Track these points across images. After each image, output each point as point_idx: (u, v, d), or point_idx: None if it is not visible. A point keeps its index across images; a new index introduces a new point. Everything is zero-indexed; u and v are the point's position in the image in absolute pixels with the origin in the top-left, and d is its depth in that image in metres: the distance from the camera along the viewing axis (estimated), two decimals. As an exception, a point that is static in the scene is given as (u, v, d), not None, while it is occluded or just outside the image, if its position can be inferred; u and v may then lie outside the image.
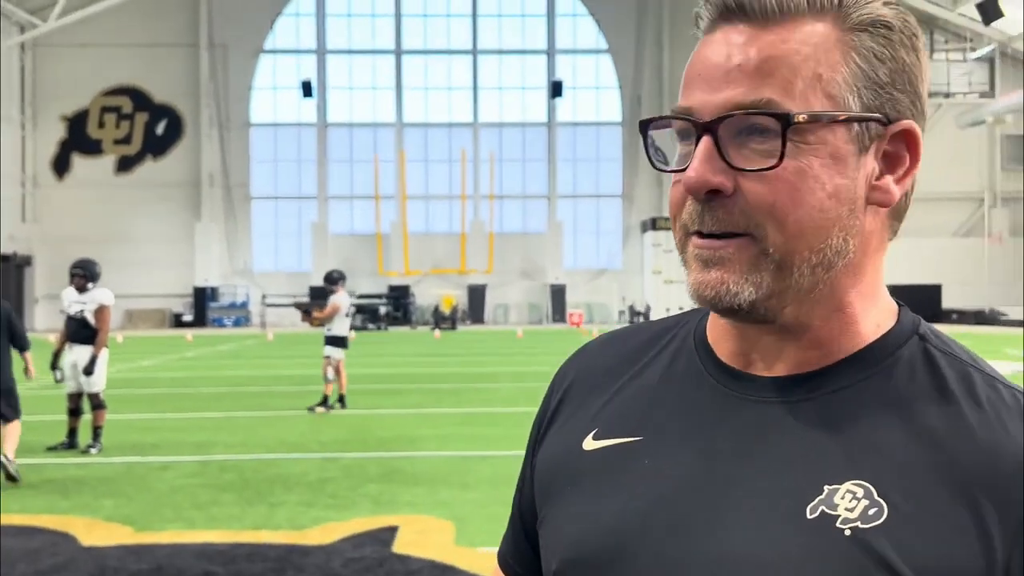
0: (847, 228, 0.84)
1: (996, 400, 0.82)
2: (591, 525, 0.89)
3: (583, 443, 0.94)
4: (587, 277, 45.73)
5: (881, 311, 0.89)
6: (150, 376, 18.95)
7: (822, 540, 0.78)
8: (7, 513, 7.14)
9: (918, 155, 0.86)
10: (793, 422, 0.84)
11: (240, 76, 44.93)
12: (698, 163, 0.82)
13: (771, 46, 0.82)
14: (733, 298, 0.83)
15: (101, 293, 9.89)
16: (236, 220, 45.01)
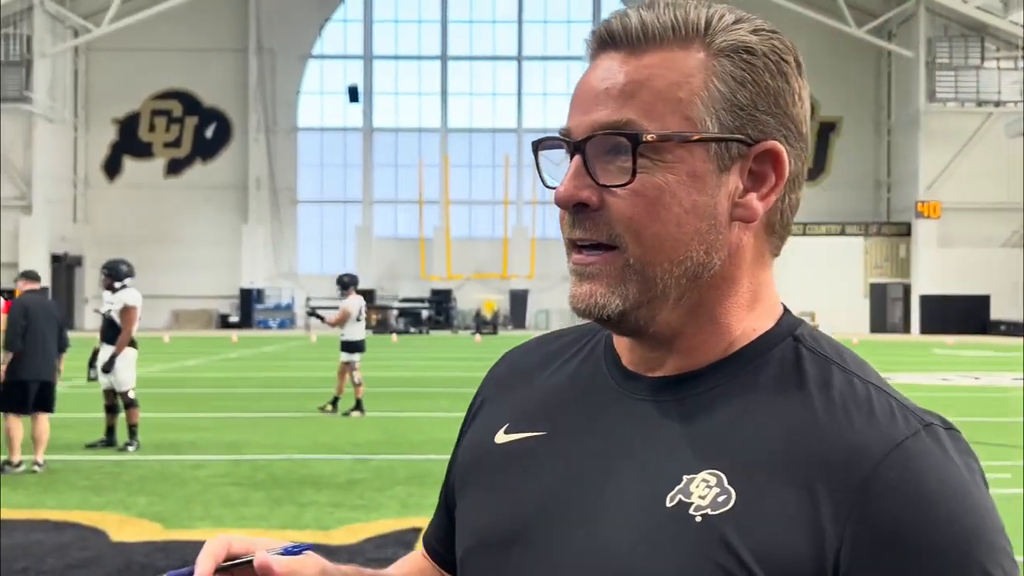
0: (709, 242, 0.89)
1: (848, 395, 0.86)
2: (493, 513, 0.96)
3: (495, 437, 1.01)
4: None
5: (759, 317, 0.93)
6: (193, 376, 19.22)
7: (676, 526, 0.83)
8: (42, 508, 7.30)
9: (783, 173, 0.90)
10: (665, 419, 0.90)
11: (288, 81, 45.42)
12: (567, 179, 0.89)
13: (637, 71, 0.88)
14: (602, 309, 0.89)
15: (127, 293, 10.06)
16: (282, 223, 45.48)
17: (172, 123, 45.48)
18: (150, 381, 17.44)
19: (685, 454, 0.87)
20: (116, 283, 10.10)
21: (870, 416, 0.85)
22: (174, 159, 45.46)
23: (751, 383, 0.89)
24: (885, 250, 42.64)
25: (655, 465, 0.88)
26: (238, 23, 44.82)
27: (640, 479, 0.88)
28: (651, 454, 0.89)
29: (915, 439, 0.83)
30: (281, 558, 0.93)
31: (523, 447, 0.98)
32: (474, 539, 0.97)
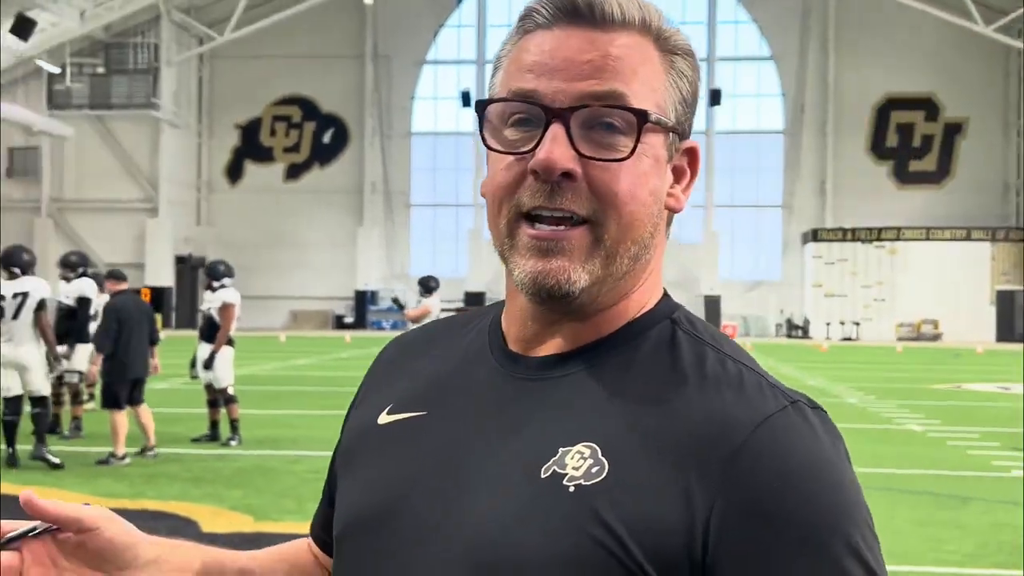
0: (655, 226, 0.93)
1: (720, 373, 0.88)
2: (368, 492, 0.96)
3: (378, 418, 1.01)
4: (743, 289, 44.85)
5: (651, 298, 0.96)
6: (303, 374, 19.64)
7: (550, 496, 0.84)
8: (143, 499, 7.53)
9: (697, 170, 0.97)
10: (547, 396, 0.91)
11: (403, 86, 46.10)
12: (553, 145, 0.87)
13: (614, 48, 0.89)
14: (572, 286, 0.89)
15: (227, 293, 10.33)
16: (395, 226, 46.18)
17: (291, 128, 46.61)
18: (260, 379, 17.91)
19: (562, 428, 0.88)
20: (215, 282, 10.39)
21: (739, 392, 0.86)
22: (293, 164, 46.57)
23: (629, 360, 0.91)
24: (1013, 256, 40.91)
25: (532, 440, 0.88)
26: (355, 30, 45.70)
27: (517, 454, 0.88)
28: (529, 430, 0.89)
29: (782, 414, 0.84)
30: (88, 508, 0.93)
31: (402, 427, 0.98)
32: (348, 519, 0.97)
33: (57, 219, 43.10)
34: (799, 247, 44.33)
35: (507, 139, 0.91)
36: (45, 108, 41.45)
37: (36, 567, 0.92)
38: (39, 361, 9.05)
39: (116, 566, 0.96)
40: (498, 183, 0.91)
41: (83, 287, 10.51)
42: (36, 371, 9.00)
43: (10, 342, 8.90)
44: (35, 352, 8.99)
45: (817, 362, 25.27)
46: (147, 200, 42.74)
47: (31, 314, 8.87)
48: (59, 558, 0.93)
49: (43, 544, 0.92)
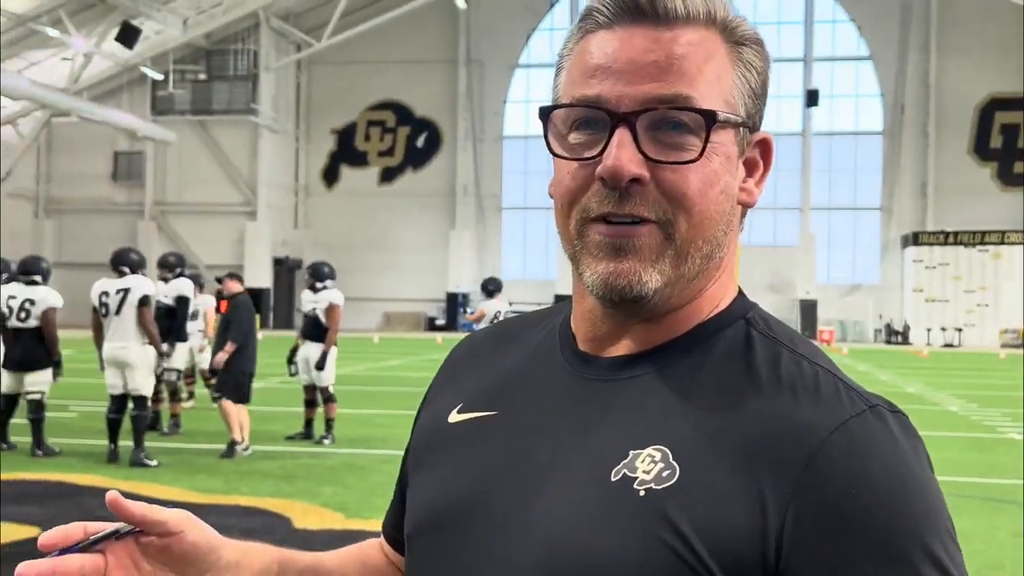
0: (728, 223, 0.91)
1: (796, 376, 0.86)
2: (441, 491, 0.96)
3: (448, 417, 1.01)
4: (840, 293, 43.95)
5: (724, 297, 0.94)
6: (395, 375, 19.85)
7: (620, 500, 0.83)
8: (236, 495, 7.69)
9: (771, 163, 0.94)
10: (618, 397, 0.90)
11: (495, 91, 46.32)
12: (620, 151, 0.86)
13: (678, 46, 0.87)
14: (643, 287, 0.88)
15: (332, 293, 10.48)
16: (487, 229, 46.41)
17: (386, 133, 47.21)
18: (354, 379, 18.17)
19: (633, 430, 0.87)
20: (318, 283, 10.57)
21: (816, 396, 0.84)
22: (387, 167, 47.15)
23: (701, 362, 0.90)
24: None
25: (602, 442, 0.88)
26: (449, 35, 46.07)
27: (587, 456, 0.87)
28: (599, 432, 0.89)
29: (860, 419, 0.82)
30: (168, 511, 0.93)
31: (473, 427, 0.98)
32: (420, 517, 0.98)
33: (160, 222, 44.36)
34: (898, 250, 43.26)
35: (572, 144, 0.90)
36: (149, 114, 42.71)
37: (119, 570, 0.91)
38: (142, 359, 9.18)
39: (198, 569, 0.96)
40: (565, 187, 0.91)
41: (181, 287, 10.78)
42: (139, 369, 9.15)
43: (112, 340, 9.09)
44: (138, 350, 9.13)
45: (917, 369, 24.63)
46: (246, 203, 43.72)
47: (133, 310, 9.05)
48: (141, 561, 0.93)
49: (126, 546, 0.92)
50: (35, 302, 9.54)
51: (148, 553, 0.93)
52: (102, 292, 9.16)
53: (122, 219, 44.09)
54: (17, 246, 36.95)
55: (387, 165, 47.13)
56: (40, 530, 6.38)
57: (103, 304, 9.12)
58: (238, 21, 41.32)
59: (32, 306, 9.54)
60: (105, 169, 45.06)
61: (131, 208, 44.59)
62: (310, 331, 10.59)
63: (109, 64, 39.71)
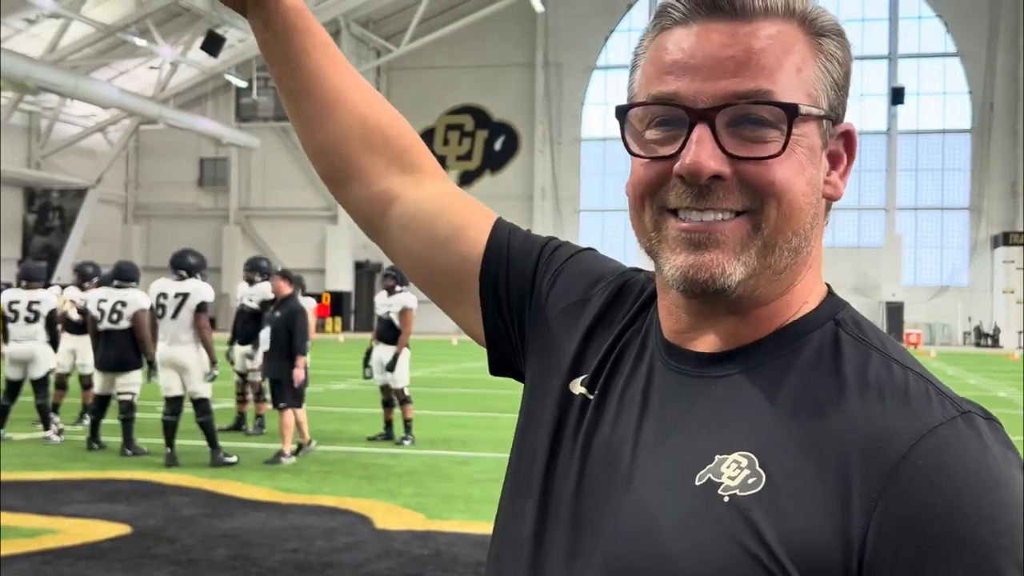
0: (814, 216, 0.89)
1: (885, 380, 0.84)
2: (535, 466, 0.99)
3: (571, 384, 1.01)
4: (927, 295, 42.95)
5: (814, 295, 0.93)
6: (472, 377, 19.94)
7: (703, 505, 0.83)
8: (319, 495, 7.80)
9: (854, 154, 0.93)
10: (704, 395, 0.89)
11: (573, 93, 46.27)
12: (700, 148, 0.85)
13: (757, 40, 0.86)
14: (727, 279, 0.86)
15: (406, 297, 10.56)
16: (564, 232, 46.32)
17: (464, 137, 47.46)
18: (433, 381, 18.30)
19: (719, 433, 0.86)
20: (399, 287, 10.67)
21: (905, 401, 0.82)
22: (466, 171, 47.39)
23: (789, 364, 0.88)
24: None
25: (688, 443, 0.87)
26: (526, 39, 46.16)
27: (673, 456, 0.87)
28: (686, 431, 0.88)
29: (950, 425, 0.80)
30: None
31: (579, 406, 0.98)
32: (513, 481, 1.02)
33: (244, 226, 45.21)
34: (988, 251, 42.13)
35: (649, 141, 0.89)
36: (233, 120, 43.60)
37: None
38: (197, 362, 9.21)
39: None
40: (639, 179, 0.90)
41: (266, 290, 10.96)
42: (194, 372, 9.18)
43: (165, 341, 9.16)
44: (193, 353, 9.17)
45: (1008, 372, 23.95)
46: (327, 208, 44.31)
47: (190, 315, 9.11)
48: None
49: None
50: (126, 304, 9.79)
51: None
52: (160, 293, 9.23)
53: (207, 224, 45.05)
54: (106, 251, 38.01)
55: (465, 169, 47.37)
56: (130, 528, 6.56)
57: (160, 305, 9.19)
58: (319, 28, 41.86)
59: (123, 308, 9.79)
60: (191, 175, 46.09)
61: (216, 213, 45.54)
62: (384, 333, 10.72)
63: (195, 72, 40.62)
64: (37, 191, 39.44)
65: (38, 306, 10.53)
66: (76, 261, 22.55)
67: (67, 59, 33.80)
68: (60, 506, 7.26)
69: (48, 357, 10.62)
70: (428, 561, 5.88)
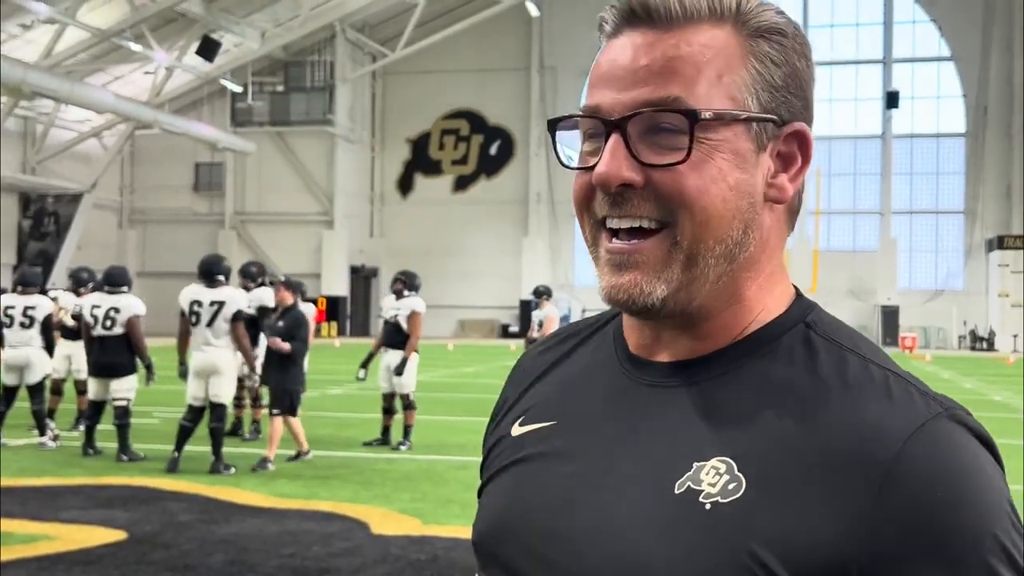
0: (747, 221, 0.88)
1: (863, 379, 0.84)
2: (502, 503, 0.97)
3: (511, 430, 1.02)
4: (923, 298, 43.02)
5: (775, 300, 0.92)
6: (469, 382, 19.95)
7: (685, 513, 0.83)
8: (315, 500, 7.80)
9: (809, 155, 0.91)
10: (675, 405, 0.89)
11: (568, 97, 46.29)
12: (609, 158, 0.86)
13: (675, 48, 0.87)
14: (647, 298, 0.87)
15: (414, 301, 10.57)
16: (560, 235, 46.40)
17: (460, 141, 47.51)
18: (430, 386, 18.28)
19: (695, 440, 0.86)
20: (407, 291, 10.67)
21: (888, 400, 0.83)
22: (461, 175, 47.44)
23: (761, 369, 0.88)
24: None
25: (664, 451, 0.87)
26: (521, 43, 46.22)
27: (649, 466, 0.87)
28: (660, 440, 0.88)
29: (936, 421, 0.81)
30: None
31: (535, 437, 0.98)
32: (483, 529, 0.98)
33: (239, 231, 45.19)
34: (983, 255, 42.23)
35: (584, 153, 0.92)
36: (228, 125, 43.58)
37: None
38: (231, 367, 9.19)
39: None
40: (575, 195, 0.92)
41: (263, 296, 10.96)
42: (225, 377, 9.14)
43: (201, 348, 9.11)
44: (228, 358, 9.13)
45: (1003, 376, 23.99)
46: (323, 212, 44.32)
47: (224, 324, 9.09)
48: None
49: None
50: (119, 310, 9.78)
51: None
52: (194, 300, 9.14)
53: (203, 229, 45.02)
54: (102, 256, 37.97)
55: (461, 173, 47.41)
56: (127, 533, 6.55)
57: (194, 312, 9.11)
58: (314, 33, 41.94)
59: (117, 314, 9.78)
60: (186, 180, 46.08)
61: (212, 218, 45.52)
62: (391, 338, 10.68)
63: (190, 77, 40.61)
64: (32, 196, 39.40)
65: (34, 311, 10.52)
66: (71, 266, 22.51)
67: (62, 64, 33.79)
68: (56, 512, 7.25)
69: (44, 363, 10.61)
70: (425, 566, 5.88)
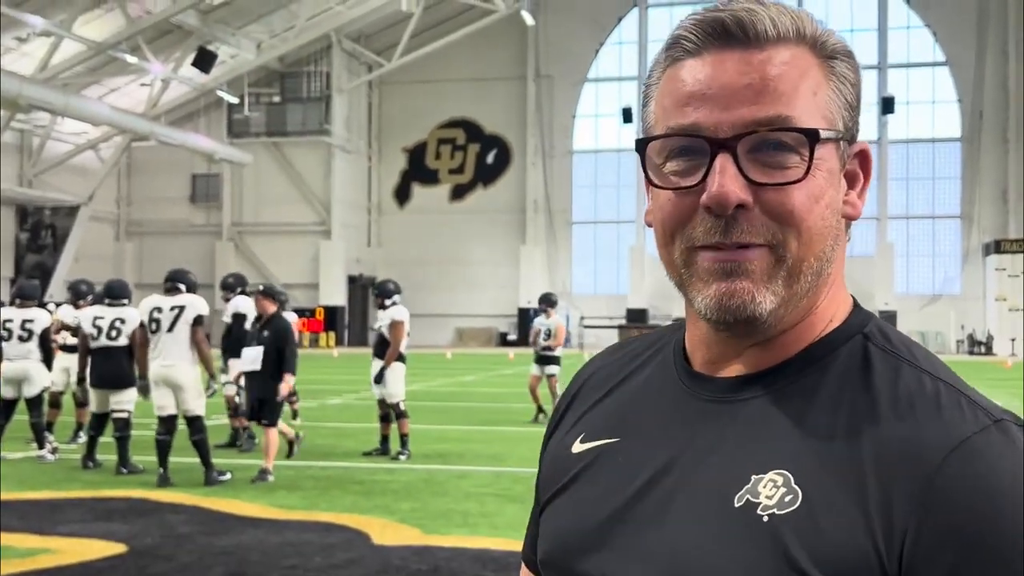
0: (835, 237, 0.90)
1: (916, 392, 0.85)
2: (569, 520, 0.98)
3: (572, 447, 1.02)
4: (920, 303, 43.04)
5: (839, 310, 0.94)
6: (468, 391, 19.93)
7: (744, 526, 0.84)
8: (316, 511, 7.78)
9: (870, 173, 0.94)
10: (735, 419, 0.90)
11: (564, 105, 46.40)
12: (724, 177, 0.85)
13: (772, 67, 0.87)
14: (757, 307, 0.87)
15: (395, 310, 10.56)
16: (557, 244, 46.42)
17: (456, 150, 47.56)
18: (429, 394, 18.28)
19: (753, 454, 0.87)
20: (386, 300, 10.65)
21: (937, 412, 0.83)
22: (458, 185, 47.48)
23: (818, 381, 0.89)
24: None
25: (723, 466, 0.88)
26: (517, 52, 46.30)
27: (709, 481, 0.88)
28: (720, 455, 0.89)
29: (983, 434, 0.81)
30: None
31: (597, 454, 0.99)
32: (548, 547, 0.99)
33: (237, 242, 45.18)
34: (980, 259, 42.28)
35: (669, 173, 0.90)
36: (225, 137, 43.61)
37: None
38: (193, 379, 9.06)
39: None
40: (667, 215, 0.90)
41: (239, 304, 10.98)
42: (190, 390, 9.01)
43: (160, 359, 8.94)
44: (188, 370, 9.00)
45: (1001, 380, 23.98)
46: (320, 223, 44.33)
47: (187, 328, 8.95)
48: None
49: None
50: (125, 321, 9.80)
51: None
52: (154, 308, 9.03)
53: (200, 240, 45.01)
54: (99, 268, 37.93)
55: (458, 182, 47.45)
56: (127, 546, 6.53)
57: (154, 320, 8.99)
58: (310, 44, 42.01)
59: (123, 324, 9.80)
60: (183, 191, 46.08)
61: (209, 229, 45.51)
62: (378, 348, 10.75)
63: (186, 89, 40.63)
64: (29, 209, 39.39)
65: (32, 324, 10.50)
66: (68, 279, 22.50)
67: (58, 77, 33.79)
68: (56, 525, 7.23)
69: (42, 375, 10.59)
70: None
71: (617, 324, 40.49)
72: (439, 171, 47.65)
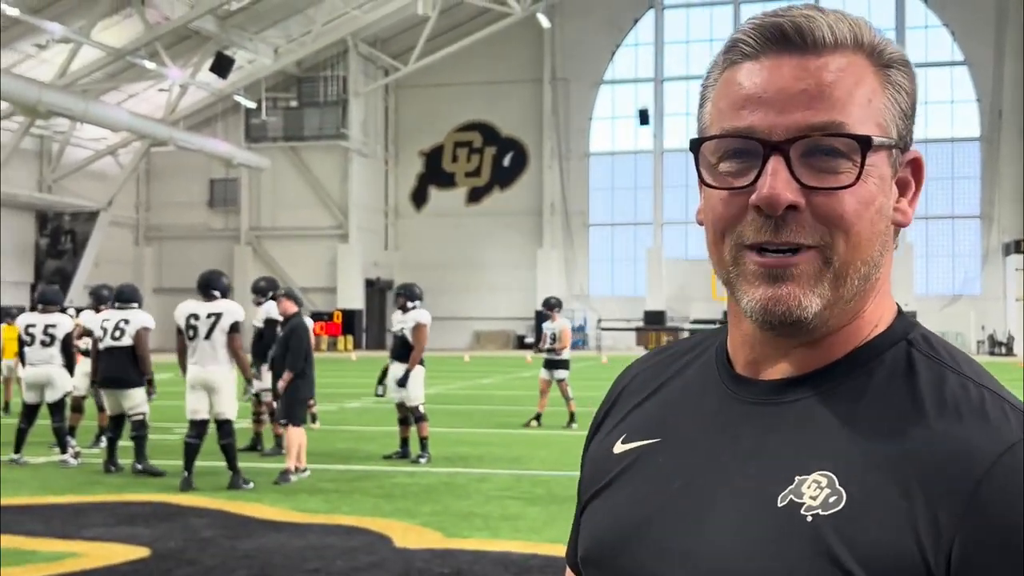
0: (884, 244, 0.92)
1: (961, 398, 0.85)
2: (608, 519, 0.98)
3: (613, 448, 1.03)
4: (940, 304, 42.82)
5: (884, 316, 0.94)
6: (487, 393, 19.94)
7: (788, 526, 0.84)
8: (338, 514, 7.79)
9: (922, 181, 0.95)
10: (780, 421, 0.91)
11: (580, 107, 46.39)
12: (775, 179, 0.87)
13: (829, 73, 0.88)
14: (803, 311, 0.88)
15: (419, 313, 10.57)
16: (574, 246, 46.40)
17: (473, 153, 47.62)
18: (447, 397, 18.29)
19: (797, 455, 0.88)
20: (409, 303, 10.67)
21: (983, 419, 0.84)
22: (475, 187, 47.54)
23: (863, 385, 0.90)
24: None
25: (767, 467, 0.89)
26: (534, 55, 46.32)
27: (752, 481, 0.88)
28: (763, 456, 0.90)
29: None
30: None
31: (639, 455, 1.00)
32: (589, 547, 1.00)
33: (255, 246, 45.35)
34: (1000, 259, 42.01)
35: (722, 173, 0.91)
36: (243, 141, 43.80)
37: None
38: (229, 383, 9.15)
39: None
40: (719, 215, 0.91)
41: (270, 309, 11.01)
42: (225, 394, 9.09)
43: (198, 364, 9.04)
44: (226, 374, 9.10)
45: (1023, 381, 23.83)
46: (338, 226, 44.45)
47: (223, 335, 9.04)
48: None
49: None
50: (129, 321, 9.89)
51: None
52: (191, 314, 9.12)
53: (218, 244, 45.20)
54: (118, 273, 38.13)
55: (474, 185, 47.51)
56: (150, 550, 6.56)
57: (191, 327, 9.08)
58: (327, 48, 42.15)
59: (127, 325, 9.89)
60: (201, 196, 46.29)
61: (227, 234, 45.70)
62: (398, 351, 10.73)
63: (204, 94, 40.83)
64: (49, 215, 39.64)
65: (54, 329, 10.58)
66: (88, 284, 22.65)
67: (77, 83, 34.02)
68: (80, 530, 7.27)
69: (64, 380, 10.66)
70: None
71: (635, 326, 40.51)
72: (456, 174, 47.71)
